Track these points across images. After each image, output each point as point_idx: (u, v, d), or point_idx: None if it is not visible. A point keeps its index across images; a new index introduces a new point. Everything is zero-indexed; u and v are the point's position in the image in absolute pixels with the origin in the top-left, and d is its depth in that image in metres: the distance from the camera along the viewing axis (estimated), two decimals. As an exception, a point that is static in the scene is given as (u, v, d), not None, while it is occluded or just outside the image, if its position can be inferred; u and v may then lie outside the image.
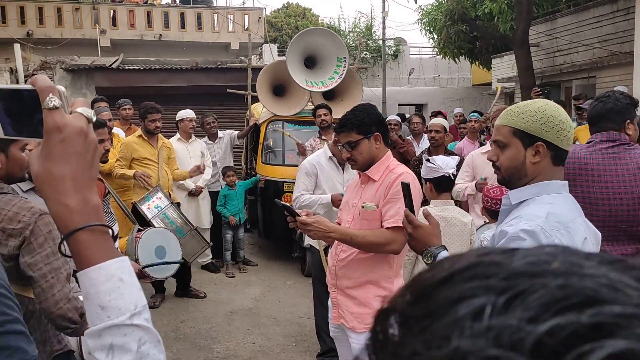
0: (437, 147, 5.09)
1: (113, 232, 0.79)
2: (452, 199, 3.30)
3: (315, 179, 3.96)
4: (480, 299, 0.29)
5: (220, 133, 6.64)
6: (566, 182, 1.66)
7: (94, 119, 0.78)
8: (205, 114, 6.61)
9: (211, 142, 6.52)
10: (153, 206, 4.78)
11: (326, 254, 3.78)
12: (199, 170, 5.61)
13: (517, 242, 1.46)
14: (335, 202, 3.73)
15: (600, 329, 0.26)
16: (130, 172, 5.02)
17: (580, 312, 0.27)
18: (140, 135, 5.25)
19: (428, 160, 3.16)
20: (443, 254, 1.77)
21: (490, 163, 4.25)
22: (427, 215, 1.88)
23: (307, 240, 4.10)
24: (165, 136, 5.61)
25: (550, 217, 1.50)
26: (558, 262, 0.31)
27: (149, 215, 4.69)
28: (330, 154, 4.00)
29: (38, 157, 0.74)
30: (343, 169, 4.01)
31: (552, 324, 0.27)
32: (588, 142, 2.58)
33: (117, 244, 3.13)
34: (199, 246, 5.05)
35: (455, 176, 3.18)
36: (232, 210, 6.09)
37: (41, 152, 0.74)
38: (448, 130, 5.66)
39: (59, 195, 0.74)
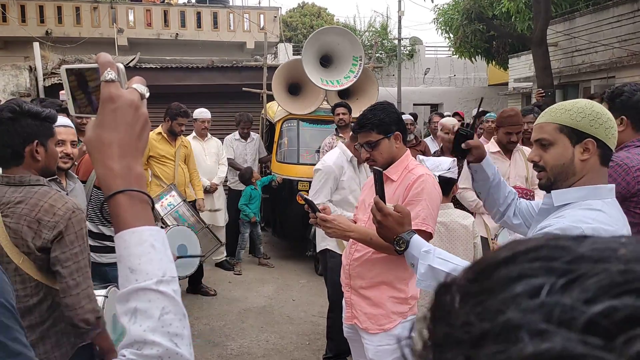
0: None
1: (153, 204, 0.82)
2: (451, 201, 3.21)
3: (338, 181, 3.80)
4: (539, 279, 0.30)
5: (253, 134, 6.74)
6: (613, 185, 1.60)
7: (147, 95, 0.84)
8: (242, 114, 6.69)
9: (243, 141, 6.64)
10: (166, 204, 4.82)
11: None
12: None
13: None
14: None
15: None
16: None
17: (639, 297, 0.27)
18: (160, 133, 5.26)
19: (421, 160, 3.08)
20: (415, 238, 1.74)
21: (501, 163, 4.14)
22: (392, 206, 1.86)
23: (325, 244, 3.90)
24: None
25: (597, 226, 1.44)
26: (625, 249, 0.31)
27: (162, 213, 4.74)
28: (351, 155, 3.84)
29: (92, 125, 0.81)
30: (359, 170, 3.94)
31: (607, 305, 0.27)
32: (625, 147, 2.42)
33: None
34: (211, 244, 5.07)
35: (446, 178, 3.05)
36: (254, 210, 6.20)
37: (95, 120, 0.81)
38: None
39: (106, 159, 0.79)
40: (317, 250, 3.95)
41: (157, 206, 4.81)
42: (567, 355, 0.26)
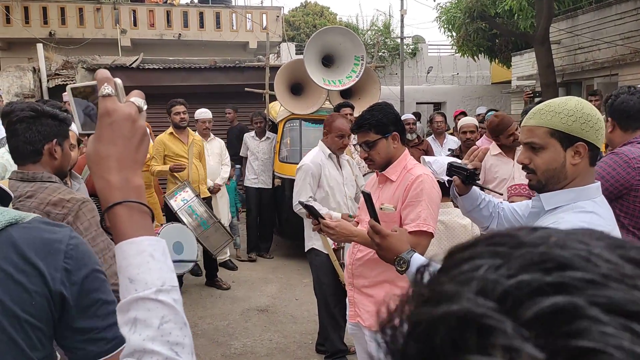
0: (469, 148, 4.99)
1: (153, 215, 0.83)
2: (451, 200, 3.23)
3: (319, 179, 3.79)
4: (483, 260, 0.34)
5: (269, 134, 6.82)
6: (599, 183, 1.60)
7: (145, 107, 0.85)
8: (255, 112, 6.88)
9: (257, 139, 6.75)
10: (180, 199, 5.05)
11: (338, 257, 3.76)
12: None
13: None
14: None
15: (560, 288, 0.31)
16: (166, 167, 5.28)
17: (548, 274, 0.32)
18: (171, 133, 5.45)
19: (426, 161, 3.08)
20: (415, 256, 1.73)
21: (505, 164, 4.14)
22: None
23: (311, 243, 3.91)
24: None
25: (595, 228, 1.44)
26: (557, 237, 0.35)
27: (175, 208, 4.97)
28: (330, 152, 3.84)
29: (91, 139, 0.82)
30: (340, 166, 3.92)
31: (519, 279, 0.32)
32: (629, 143, 2.46)
33: None
34: (222, 239, 5.23)
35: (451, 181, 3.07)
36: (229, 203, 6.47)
37: (94, 134, 0.82)
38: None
39: (103, 173, 0.80)
40: (305, 250, 3.96)
41: (172, 202, 5.06)
42: (470, 314, 0.31)
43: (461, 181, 1.92)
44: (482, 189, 1.95)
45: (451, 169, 1.96)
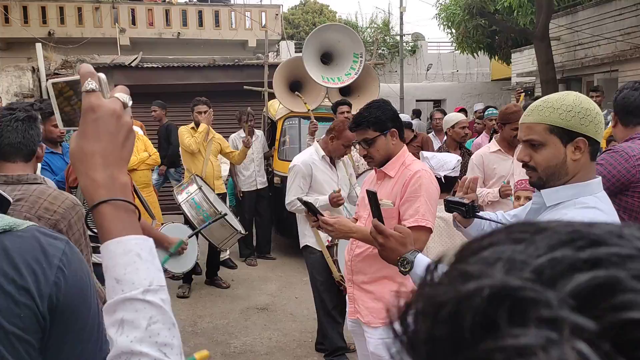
0: (463, 143, 5.04)
1: (139, 213, 0.81)
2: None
3: (310, 180, 3.76)
4: (504, 246, 0.33)
5: (257, 132, 6.67)
6: (600, 178, 1.58)
7: (130, 103, 0.83)
8: (242, 110, 6.66)
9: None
10: (184, 192, 5.15)
11: (331, 254, 3.75)
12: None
13: None
14: (333, 202, 3.60)
15: (595, 264, 0.29)
16: (202, 127, 5.47)
17: (581, 251, 0.30)
18: (192, 127, 5.61)
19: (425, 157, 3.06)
20: (419, 257, 1.71)
21: (504, 161, 4.10)
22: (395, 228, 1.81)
23: (305, 241, 3.91)
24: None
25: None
26: (582, 223, 0.34)
27: (180, 200, 5.06)
28: (323, 153, 3.81)
29: (75, 136, 0.80)
30: (335, 167, 3.89)
31: (550, 256, 0.30)
32: (630, 139, 2.44)
33: None
34: (227, 232, 5.09)
35: (450, 178, 3.03)
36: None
37: (78, 131, 0.80)
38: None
39: (88, 170, 0.78)
40: (300, 247, 3.96)
41: (178, 195, 5.14)
42: (505, 287, 0.29)
43: (462, 216, 1.90)
44: (483, 219, 1.92)
45: (449, 205, 1.93)
